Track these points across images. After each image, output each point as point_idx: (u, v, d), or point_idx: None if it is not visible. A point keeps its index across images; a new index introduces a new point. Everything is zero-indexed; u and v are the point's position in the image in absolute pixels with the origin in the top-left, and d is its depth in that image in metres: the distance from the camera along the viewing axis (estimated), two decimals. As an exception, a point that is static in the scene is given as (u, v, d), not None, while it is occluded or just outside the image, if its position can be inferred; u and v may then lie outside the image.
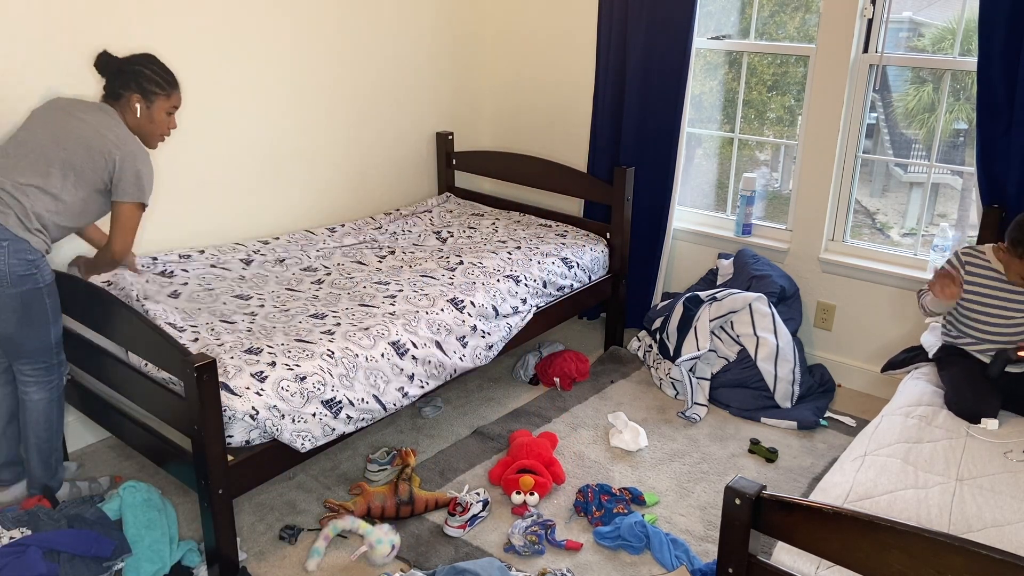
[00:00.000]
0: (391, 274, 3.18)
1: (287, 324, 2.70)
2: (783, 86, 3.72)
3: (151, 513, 2.39)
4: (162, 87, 2.54)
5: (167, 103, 2.57)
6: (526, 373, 3.60)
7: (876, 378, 3.50)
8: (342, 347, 2.56)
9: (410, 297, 2.94)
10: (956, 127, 3.47)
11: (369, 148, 3.87)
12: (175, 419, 2.29)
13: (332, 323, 2.71)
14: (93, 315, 2.45)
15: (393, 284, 3.07)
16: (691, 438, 3.17)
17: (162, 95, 2.55)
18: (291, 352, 2.48)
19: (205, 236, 3.27)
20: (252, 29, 3.24)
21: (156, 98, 2.54)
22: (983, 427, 2.43)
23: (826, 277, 3.56)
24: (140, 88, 2.51)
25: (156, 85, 2.53)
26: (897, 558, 1.39)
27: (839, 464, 2.29)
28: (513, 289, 3.16)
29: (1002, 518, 1.99)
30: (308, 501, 2.77)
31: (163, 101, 2.55)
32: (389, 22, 3.78)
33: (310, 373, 2.43)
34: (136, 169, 2.44)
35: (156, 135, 2.59)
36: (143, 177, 2.46)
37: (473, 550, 2.54)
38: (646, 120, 3.77)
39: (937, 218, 3.58)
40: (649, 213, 3.86)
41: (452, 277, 3.15)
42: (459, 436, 3.17)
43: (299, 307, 2.85)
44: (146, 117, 2.54)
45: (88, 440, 3.06)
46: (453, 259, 3.35)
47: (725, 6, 3.74)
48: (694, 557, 2.47)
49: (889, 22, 3.26)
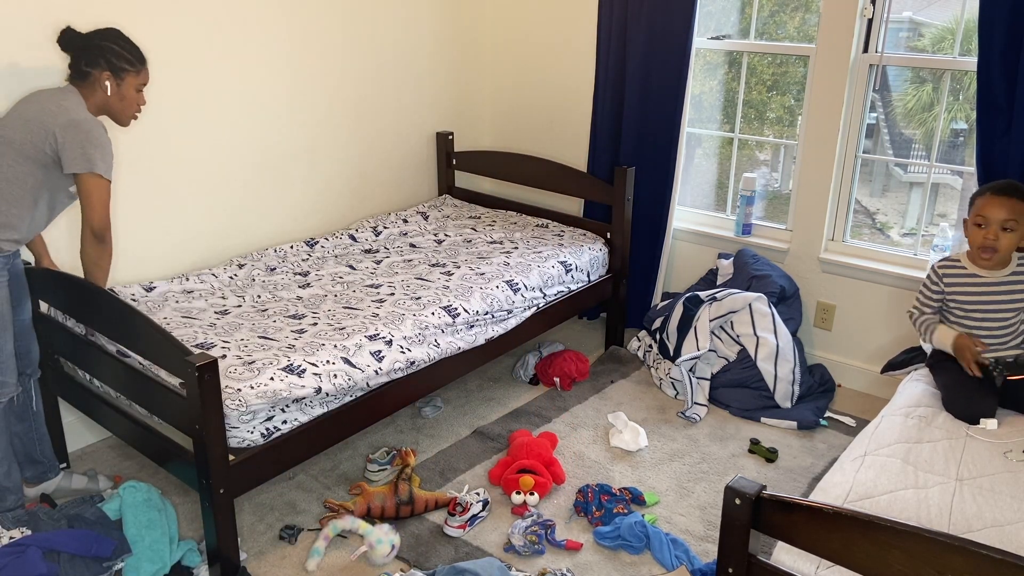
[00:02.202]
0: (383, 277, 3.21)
1: (258, 322, 2.75)
2: (783, 86, 3.73)
3: (151, 513, 2.39)
4: (131, 63, 2.47)
5: (136, 79, 2.49)
6: (526, 373, 3.60)
7: (876, 378, 3.50)
8: (309, 341, 2.62)
9: (401, 301, 2.96)
10: (956, 127, 3.47)
11: (369, 148, 3.86)
12: (176, 419, 2.29)
13: (309, 323, 2.76)
14: (93, 314, 2.45)
15: (385, 287, 3.09)
16: (691, 438, 3.17)
17: (132, 71, 2.47)
18: (247, 346, 2.54)
19: (205, 236, 3.27)
20: (252, 29, 3.24)
21: (126, 75, 2.46)
22: (982, 427, 2.43)
23: (826, 277, 3.56)
24: (110, 65, 2.43)
25: (126, 61, 2.45)
26: (897, 558, 1.39)
27: (839, 464, 2.29)
28: (508, 294, 3.15)
29: (1002, 518, 1.99)
30: (308, 501, 2.77)
31: (133, 77, 2.48)
32: (389, 22, 3.78)
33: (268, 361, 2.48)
34: (79, 139, 2.33)
35: (127, 113, 2.52)
36: (88, 146, 2.34)
37: (473, 550, 2.54)
38: (646, 120, 3.77)
39: (937, 218, 3.58)
40: (649, 213, 3.86)
41: (448, 281, 3.15)
42: (459, 436, 3.17)
43: (279, 308, 2.90)
44: (116, 95, 2.47)
45: (88, 440, 3.06)
46: (448, 263, 3.35)
47: (725, 6, 3.74)
48: (694, 557, 2.47)
49: (889, 22, 3.26)
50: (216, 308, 2.88)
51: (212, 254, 3.31)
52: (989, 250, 2.60)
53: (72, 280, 2.48)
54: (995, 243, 2.58)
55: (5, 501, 2.48)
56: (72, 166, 2.35)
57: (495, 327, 3.09)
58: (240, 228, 3.39)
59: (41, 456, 2.67)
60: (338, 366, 2.53)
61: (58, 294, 2.55)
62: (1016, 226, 2.57)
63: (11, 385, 2.44)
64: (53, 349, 2.71)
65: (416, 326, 2.79)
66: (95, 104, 2.45)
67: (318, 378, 2.47)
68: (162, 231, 3.12)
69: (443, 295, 3.00)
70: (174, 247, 3.18)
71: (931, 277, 2.75)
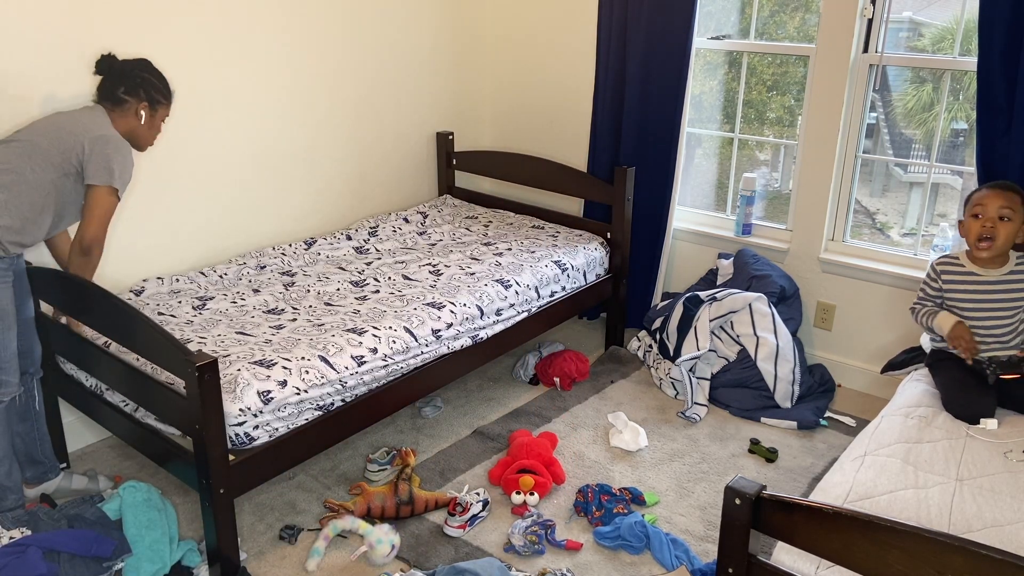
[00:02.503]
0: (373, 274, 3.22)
1: (237, 319, 2.78)
2: (783, 86, 3.73)
3: (151, 513, 2.39)
4: (165, 96, 2.64)
5: (166, 111, 2.66)
6: (526, 373, 3.60)
7: (876, 378, 3.50)
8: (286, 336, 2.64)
9: (385, 299, 2.96)
10: (956, 127, 3.47)
11: (369, 148, 3.87)
12: (176, 419, 2.29)
13: (288, 318, 2.79)
14: (92, 314, 2.45)
15: (371, 285, 3.10)
16: (691, 438, 3.17)
17: (164, 104, 2.64)
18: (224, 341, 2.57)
19: (204, 236, 3.27)
20: (251, 30, 3.24)
21: (159, 107, 2.63)
22: (982, 427, 2.43)
23: (826, 277, 3.56)
24: (148, 96, 2.58)
25: (161, 95, 2.62)
26: (897, 558, 1.39)
27: (839, 464, 2.29)
28: (502, 293, 3.15)
29: (1002, 518, 1.99)
30: (308, 501, 2.77)
31: (164, 110, 2.65)
32: (389, 22, 3.78)
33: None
34: (107, 153, 2.44)
35: (150, 141, 2.67)
36: (113, 161, 2.45)
37: (473, 550, 2.54)
38: (646, 120, 3.77)
39: (937, 218, 3.59)
40: (649, 213, 3.86)
41: (435, 281, 3.15)
42: (459, 436, 3.17)
43: (258, 303, 2.94)
44: (148, 124, 2.61)
45: (88, 440, 3.06)
46: (440, 262, 3.36)
47: (725, 6, 3.74)
48: (694, 557, 2.47)
49: (889, 22, 3.26)
50: (195, 305, 2.91)
51: (212, 254, 3.31)
52: (987, 240, 2.59)
53: (72, 280, 2.48)
54: (992, 231, 2.57)
55: (5, 501, 2.48)
56: (94, 177, 2.44)
57: (486, 330, 3.07)
58: (240, 228, 3.39)
59: (42, 456, 2.67)
60: (314, 363, 2.52)
61: (58, 294, 2.55)
62: (1013, 216, 2.57)
63: (13, 384, 2.45)
64: (53, 349, 2.71)
65: (399, 318, 2.80)
66: (123, 128, 2.57)
67: (288, 372, 2.45)
68: (162, 231, 3.12)
69: (429, 293, 3.01)
70: (174, 247, 3.18)
71: (930, 275, 2.76)
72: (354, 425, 2.65)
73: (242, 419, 2.30)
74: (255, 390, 2.33)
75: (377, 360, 2.65)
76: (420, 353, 2.80)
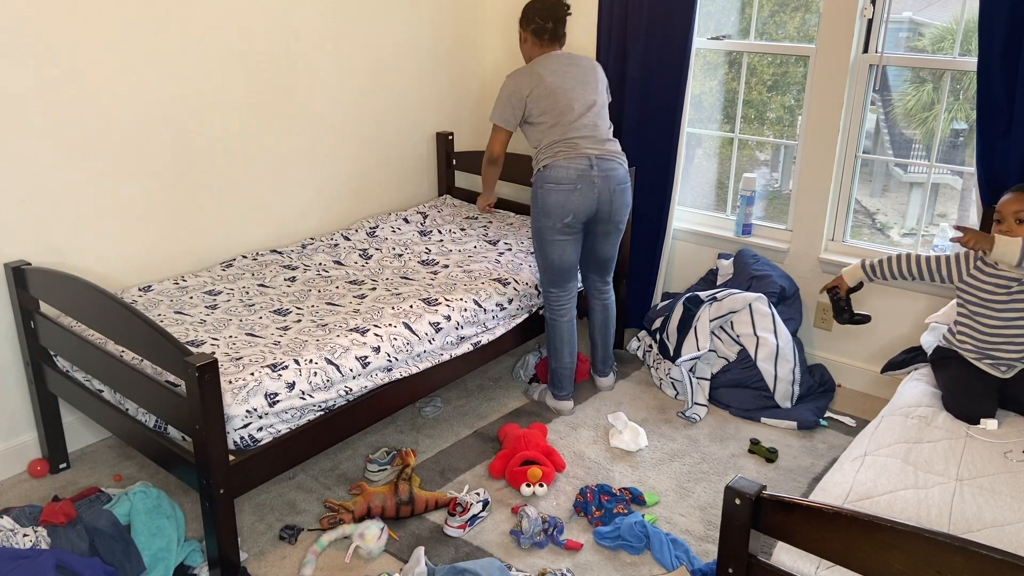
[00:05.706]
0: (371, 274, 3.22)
1: (245, 318, 2.77)
2: (783, 86, 3.73)
3: (160, 520, 2.36)
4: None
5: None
6: (526, 373, 3.60)
7: (876, 378, 3.50)
8: (292, 338, 2.63)
9: (382, 297, 2.97)
10: (956, 127, 3.47)
11: (369, 148, 3.86)
12: (176, 419, 2.29)
13: (293, 319, 2.78)
14: (92, 313, 2.45)
15: (368, 284, 3.10)
16: (691, 438, 3.17)
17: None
18: (235, 343, 2.56)
19: (205, 236, 3.27)
20: (251, 30, 3.24)
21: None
22: (983, 427, 2.43)
23: (826, 277, 3.56)
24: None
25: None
26: (897, 558, 1.39)
27: (839, 464, 2.29)
28: (500, 290, 3.15)
29: (1002, 518, 1.99)
30: (308, 501, 2.77)
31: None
32: (389, 22, 3.78)
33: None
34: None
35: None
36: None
37: (473, 550, 2.54)
38: (646, 120, 3.76)
39: (937, 218, 3.59)
40: (649, 213, 3.86)
41: (432, 279, 3.15)
42: (459, 436, 3.17)
43: (264, 303, 2.93)
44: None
45: (88, 440, 3.06)
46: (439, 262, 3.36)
47: (725, 6, 3.74)
48: (694, 557, 2.47)
49: (889, 22, 3.26)
50: (206, 303, 2.91)
51: (212, 254, 3.31)
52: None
53: (72, 280, 2.48)
54: (1010, 235, 2.57)
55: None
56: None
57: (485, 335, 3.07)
58: (240, 229, 3.39)
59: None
60: (321, 364, 2.54)
61: (58, 294, 2.55)
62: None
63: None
64: (53, 349, 2.71)
65: (395, 317, 2.80)
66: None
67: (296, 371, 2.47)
68: (162, 231, 3.12)
69: (425, 290, 3.02)
70: (174, 247, 3.18)
71: (956, 256, 2.70)
72: (355, 425, 2.65)
73: (247, 420, 2.30)
74: (264, 392, 2.33)
75: (381, 359, 2.65)
76: (423, 351, 2.81)
